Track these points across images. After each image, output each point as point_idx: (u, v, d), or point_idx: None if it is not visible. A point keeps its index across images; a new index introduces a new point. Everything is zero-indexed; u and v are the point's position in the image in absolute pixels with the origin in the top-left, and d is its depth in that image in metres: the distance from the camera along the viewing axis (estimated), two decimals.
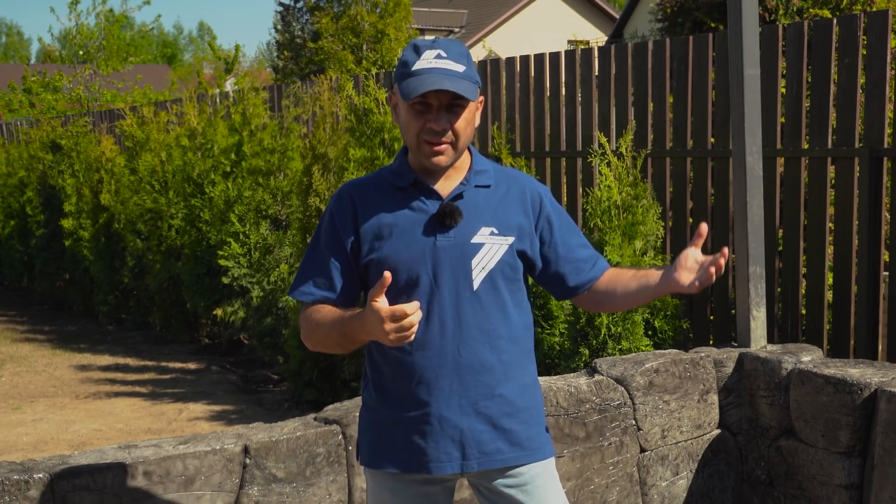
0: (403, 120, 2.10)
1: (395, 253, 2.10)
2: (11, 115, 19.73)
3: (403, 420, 2.13)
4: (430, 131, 2.05)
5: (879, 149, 4.17)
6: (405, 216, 2.12)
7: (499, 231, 2.14)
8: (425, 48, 2.07)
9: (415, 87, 2.02)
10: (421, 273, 2.09)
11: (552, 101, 5.84)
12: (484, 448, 2.13)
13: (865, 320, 4.25)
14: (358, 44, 17.98)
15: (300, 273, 2.20)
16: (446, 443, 2.11)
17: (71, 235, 9.11)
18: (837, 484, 3.30)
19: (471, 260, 2.11)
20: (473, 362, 2.11)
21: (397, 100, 2.12)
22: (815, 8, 5.97)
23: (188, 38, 79.20)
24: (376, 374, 2.19)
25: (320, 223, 2.21)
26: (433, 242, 2.10)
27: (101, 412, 5.79)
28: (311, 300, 2.16)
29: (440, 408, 2.10)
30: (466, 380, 2.11)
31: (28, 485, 2.65)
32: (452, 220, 2.10)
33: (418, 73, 2.04)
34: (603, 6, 34.12)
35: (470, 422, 2.12)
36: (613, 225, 4.25)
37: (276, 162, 6.53)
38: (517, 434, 2.17)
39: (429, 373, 2.10)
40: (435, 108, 2.05)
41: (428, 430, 2.11)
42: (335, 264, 2.15)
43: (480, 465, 2.14)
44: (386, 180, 2.18)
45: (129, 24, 20.26)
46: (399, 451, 2.14)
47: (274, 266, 6.41)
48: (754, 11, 3.66)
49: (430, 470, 2.12)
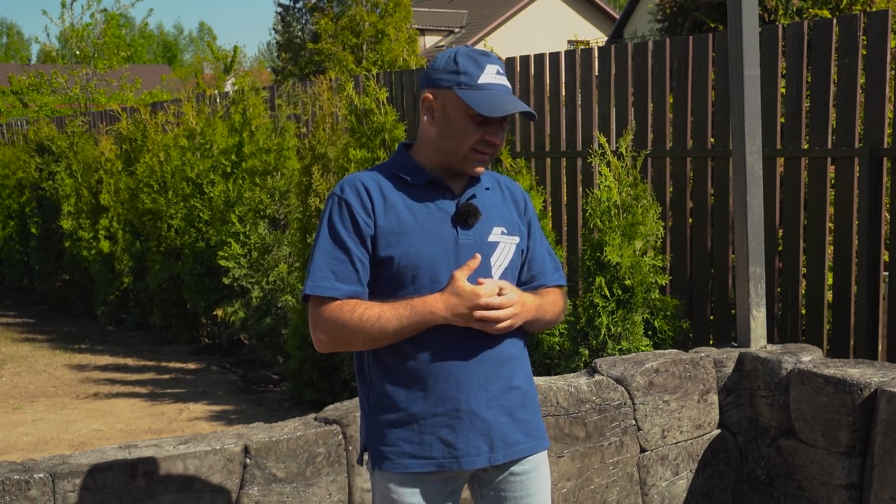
0: (457, 127, 2.12)
1: (417, 250, 2.10)
2: (4, 117, 19.73)
3: (432, 417, 2.13)
4: (487, 143, 2.13)
5: (879, 149, 4.17)
6: (425, 213, 2.13)
7: (507, 231, 2.21)
8: (484, 61, 2.13)
9: (494, 105, 2.08)
10: (443, 270, 2.10)
11: (552, 102, 5.84)
12: (507, 440, 2.18)
13: (865, 320, 4.25)
14: (358, 44, 17.97)
15: (318, 268, 2.11)
16: (475, 437, 2.14)
17: (70, 236, 9.11)
18: (837, 484, 3.30)
19: (489, 258, 2.16)
20: (497, 356, 2.15)
21: (443, 104, 2.13)
22: (815, 8, 5.97)
23: (188, 39, 79.18)
24: (390, 376, 2.15)
25: (330, 215, 2.14)
26: (455, 240, 2.13)
27: (102, 412, 5.80)
28: (341, 295, 2.09)
29: (469, 403, 2.13)
30: (490, 374, 2.15)
31: (28, 485, 2.65)
32: (475, 218, 2.15)
33: (489, 87, 2.11)
34: (603, 6, 34.13)
35: (495, 415, 2.16)
36: (613, 225, 4.25)
37: (272, 161, 6.53)
38: (530, 424, 2.23)
39: (457, 369, 2.11)
40: (494, 123, 2.12)
41: (458, 426, 2.13)
42: (359, 257, 2.11)
43: (505, 457, 2.18)
44: (394, 176, 2.18)
45: (127, 24, 20.24)
46: (430, 448, 2.13)
47: (273, 266, 6.41)
48: (754, 12, 3.66)
49: (462, 465, 2.14)
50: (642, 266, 4.23)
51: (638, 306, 4.24)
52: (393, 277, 2.12)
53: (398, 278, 2.11)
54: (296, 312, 5.60)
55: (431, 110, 2.16)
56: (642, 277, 4.23)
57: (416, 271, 2.09)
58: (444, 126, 2.14)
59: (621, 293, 4.22)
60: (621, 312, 4.20)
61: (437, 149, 2.16)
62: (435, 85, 2.14)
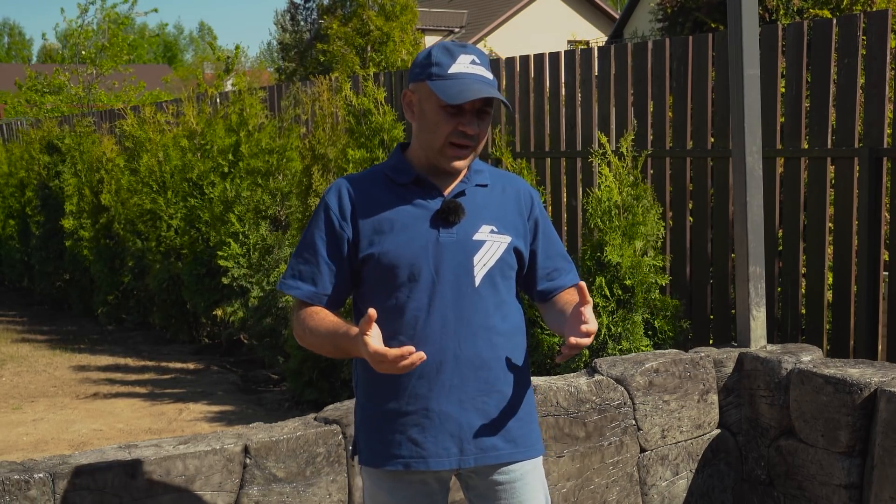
0: (431, 120, 2.09)
1: (397, 248, 2.10)
2: (9, 115, 19.73)
3: (402, 415, 2.13)
4: (461, 134, 2.08)
5: (879, 149, 4.17)
6: (406, 212, 2.13)
7: (498, 229, 2.17)
8: (458, 51, 2.10)
9: (460, 91, 2.04)
10: (423, 268, 2.10)
11: (552, 101, 5.84)
12: (481, 444, 2.14)
13: (865, 320, 4.25)
14: (363, 46, 17.95)
15: (291, 265, 2.18)
16: (444, 438, 2.12)
17: (71, 235, 9.11)
18: (837, 484, 3.30)
19: (473, 256, 2.13)
20: (473, 358, 2.12)
21: (419, 98, 2.12)
22: (816, 8, 5.98)
23: (188, 39, 79.20)
24: (370, 371, 2.14)
25: (314, 217, 2.18)
26: (436, 238, 2.11)
27: (102, 412, 5.80)
28: (300, 295, 2.15)
29: (440, 402, 2.11)
30: (466, 375, 2.12)
31: (28, 485, 2.65)
32: (456, 216, 2.12)
33: (458, 76, 2.07)
34: (603, 6, 34.12)
35: (468, 417, 2.13)
36: (613, 225, 4.25)
37: (275, 163, 6.53)
38: (513, 431, 2.18)
39: (429, 368, 2.09)
40: (468, 113, 2.08)
41: (427, 425, 2.11)
42: (328, 262, 2.14)
43: (476, 461, 2.15)
44: (383, 176, 2.18)
45: (130, 26, 20.28)
46: (399, 447, 2.13)
47: (274, 266, 6.41)
48: (754, 12, 3.66)
49: (430, 465, 2.12)
50: (642, 266, 4.23)
51: (638, 306, 4.24)
52: (375, 276, 2.13)
53: (379, 276, 2.12)
54: None
55: (411, 105, 2.15)
56: (642, 277, 4.23)
57: (394, 269, 2.09)
58: (421, 120, 2.13)
59: (621, 293, 4.22)
60: (621, 312, 4.20)
61: (421, 145, 2.15)
62: (413, 79, 2.14)
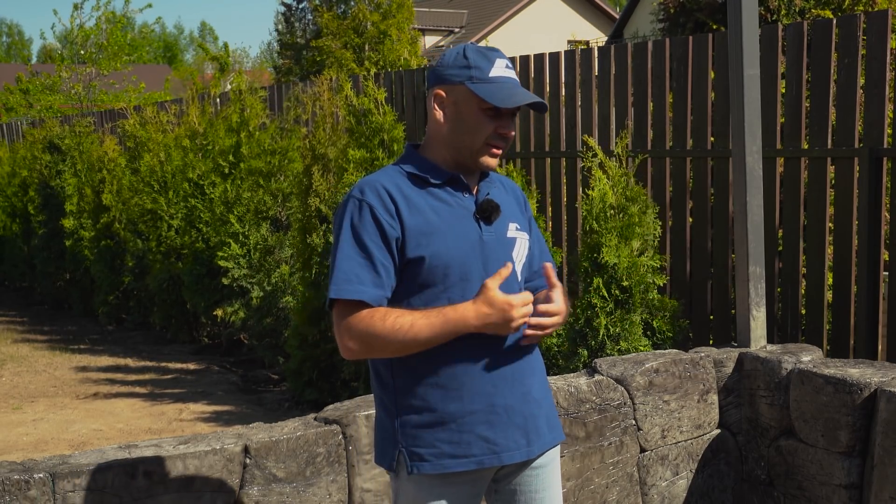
0: (470, 122, 2.12)
1: (447, 249, 2.09)
2: (9, 115, 19.73)
3: (467, 415, 2.11)
4: (500, 136, 2.14)
5: (879, 149, 4.17)
6: (448, 212, 2.13)
7: (520, 227, 2.25)
8: (494, 56, 2.16)
9: (510, 95, 2.10)
10: (473, 267, 2.11)
11: (552, 101, 5.84)
12: (539, 432, 2.20)
13: (865, 320, 4.25)
14: (360, 44, 17.95)
15: (341, 271, 2.06)
16: (514, 431, 2.15)
17: (72, 235, 9.11)
18: (837, 484, 3.30)
19: (511, 253, 2.19)
20: (516, 350, 2.17)
21: (454, 100, 2.13)
22: (818, 8, 5.98)
23: (189, 39, 79.17)
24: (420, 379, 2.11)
25: (351, 219, 2.09)
26: (479, 237, 2.14)
27: (102, 412, 5.80)
28: (367, 298, 2.04)
29: (505, 397, 2.14)
30: (520, 366, 2.17)
31: (28, 485, 2.65)
32: (497, 214, 2.17)
33: (500, 80, 2.12)
34: (603, 6, 34.13)
35: (529, 408, 2.18)
36: (609, 226, 4.24)
37: (276, 163, 6.53)
38: (553, 416, 2.27)
39: (488, 364, 2.12)
40: (506, 116, 2.14)
41: (496, 421, 2.13)
42: (381, 261, 2.07)
43: (539, 449, 2.20)
44: (411, 177, 2.15)
45: (129, 25, 20.29)
46: (469, 447, 2.11)
47: (275, 267, 6.41)
48: (754, 12, 3.66)
49: (503, 460, 2.15)
50: (640, 266, 4.23)
51: (636, 307, 4.24)
52: (422, 277, 2.10)
53: (428, 277, 2.10)
54: (296, 313, 5.60)
55: (443, 106, 2.15)
56: (640, 278, 4.23)
57: (447, 270, 2.09)
58: (456, 121, 2.14)
59: (619, 294, 4.21)
60: (619, 313, 4.20)
61: (450, 145, 2.15)
62: (445, 81, 2.14)
